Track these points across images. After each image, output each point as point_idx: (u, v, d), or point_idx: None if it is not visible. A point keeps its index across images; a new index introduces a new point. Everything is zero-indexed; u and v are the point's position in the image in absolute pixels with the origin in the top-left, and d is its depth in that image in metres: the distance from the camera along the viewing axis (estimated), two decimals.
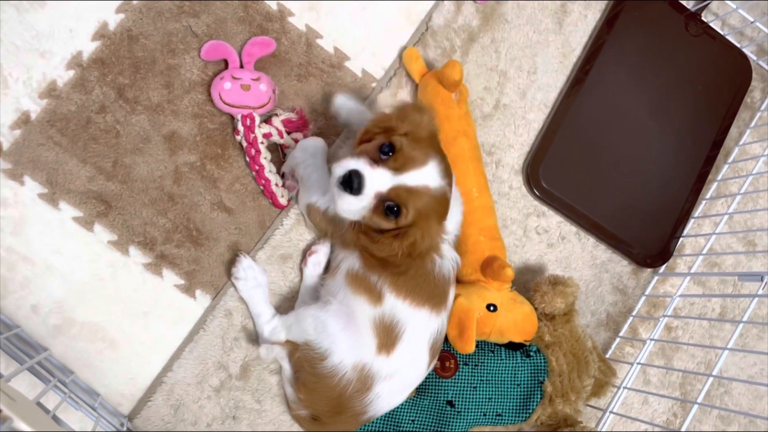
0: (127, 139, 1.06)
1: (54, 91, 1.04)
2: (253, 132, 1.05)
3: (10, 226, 1.01)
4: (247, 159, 1.07)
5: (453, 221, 0.99)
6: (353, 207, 0.86)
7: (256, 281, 1.05)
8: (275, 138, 1.07)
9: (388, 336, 0.95)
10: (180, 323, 1.06)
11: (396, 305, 0.95)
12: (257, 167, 1.06)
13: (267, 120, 1.08)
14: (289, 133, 1.09)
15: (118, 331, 1.03)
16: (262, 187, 1.08)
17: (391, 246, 0.88)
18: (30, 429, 0.63)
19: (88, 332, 1.02)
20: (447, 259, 0.98)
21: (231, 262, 1.07)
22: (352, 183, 0.84)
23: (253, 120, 1.05)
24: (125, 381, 1.03)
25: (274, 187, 1.07)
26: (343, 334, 0.96)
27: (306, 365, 0.98)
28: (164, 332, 1.05)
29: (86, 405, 0.92)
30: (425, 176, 0.86)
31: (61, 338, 1.01)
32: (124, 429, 0.97)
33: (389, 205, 0.85)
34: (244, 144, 1.06)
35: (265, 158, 1.06)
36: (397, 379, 0.98)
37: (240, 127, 1.05)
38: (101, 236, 1.04)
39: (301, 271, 1.09)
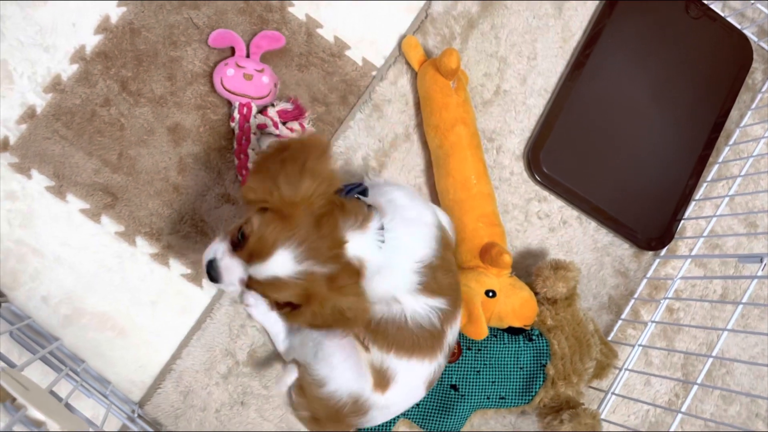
0: (131, 131, 1.07)
1: (59, 85, 1.05)
2: (248, 121, 1.06)
3: (19, 219, 1.03)
4: (235, 146, 1.08)
5: (401, 278, 0.88)
6: (228, 291, 0.83)
7: (266, 306, 1.01)
8: (270, 129, 1.08)
9: (381, 378, 0.91)
10: (187, 312, 1.08)
11: (381, 356, 0.90)
12: (242, 156, 1.07)
13: (262, 111, 1.09)
14: (284, 123, 1.10)
15: (127, 320, 1.05)
16: (240, 177, 1.09)
17: (303, 318, 0.81)
18: (44, 417, 0.65)
19: (98, 322, 1.04)
20: (418, 308, 0.89)
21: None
22: (210, 274, 0.80)
23: (250, 109, 1.06)
24: (135, 369, 1.05)
25: None
26: (343, 366, 0.91)
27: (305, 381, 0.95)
28: (172, 321, 1.07)
29: (98, 393, 0.94)
30: (271, 269, 0.76)
31: (71, 328, 1.03)
32: (135, 416, 0.99)
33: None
34: (237, 131, 1.07)
35: (252, 149, 1.07)
36: (393, 408, 0.96)
37: (236, 115, 1.07)
38: (108, 227, 1.05)
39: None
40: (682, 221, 1.27)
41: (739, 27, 1.33)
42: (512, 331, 1.11)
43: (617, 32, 1.27)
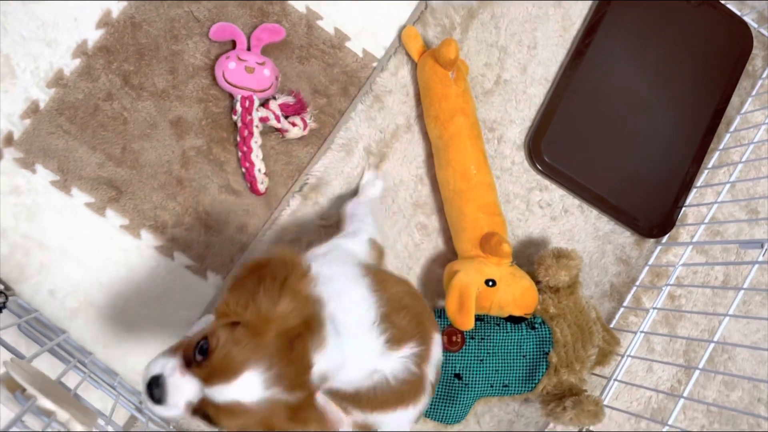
0: (134, 125, 1.08)
1: (61, 80, 1.06)
2: (250, 114, 1.07)
3: (25, 213, 1.04)
4: (238, 139, 1.09)
5: (369, 353, 0.81)
6: (162, 413, 0.70)
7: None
8: (272, 122, 1.09)
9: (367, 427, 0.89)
10: (193, 303, 1.08)
11: (365, 415, 0.86)
12: (245, 148, 1.08)
13: (264, 104, 1.10)
14: (286, 117, 1.11)
15: (133, 312, 1.06)
16: (244, 170, 1.09)
17: None
18: (54, 406, 0.66)
19: (105, 314, 1.05)
20: (394, 365, 0.84)
21: (240, 244, 1.10)
22: (152, 392, 0.68)
23: (252, 102, 1.07)
24: (142, 360, 1.06)
25: (256, 173, 1.09)
26: None
27: None
28: (178, 312, 1.08)
29: (106, 384, 0.96)
30: (236, 392, 0.66)
31: (78, 321, 1.04)
32: (143, 406, 1.00)
33: (204, 414, 0.69)
34: (239, 124, 1.08)
35: (255, 142, 1.08)
36: None
37: (238, 108, 1.07)
38: (113, 221, 1.06)
39: None
40: (684, 208, 1.27)
41: (739, 14, 1.33)
42: (514, 319, 1.12)
43: (617, 20, 1.27)
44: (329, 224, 1.14)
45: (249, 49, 1.10)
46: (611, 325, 1.23)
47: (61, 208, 1.05)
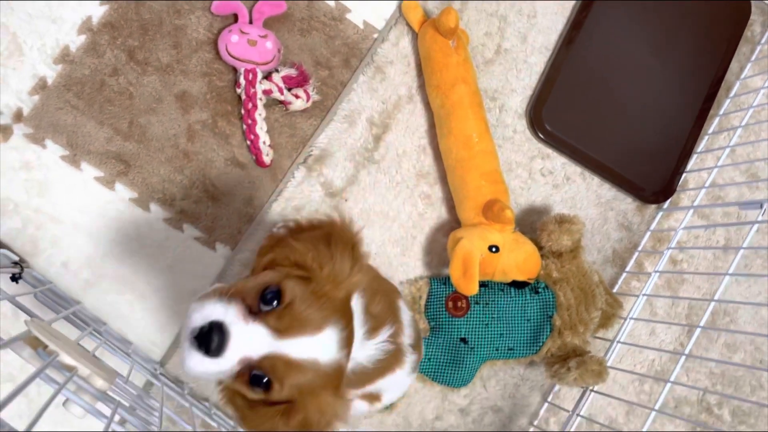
0: (140, 99, 1.10)
1: (67, 56, 1.08)
2: (253, 87, 1.08)
3: (36, 188, 1.06)
4: (243, 112, 1.10)
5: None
6: (207, 370, 0.62)
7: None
8: (275, 94, 1.11)
9: (370, 396, 0.91)
10: (202, 274, 1.11)
11: (357, 391, 0.87)
12: (250, 121, 1.09)
13: (267, 77, 1.11)
14: (289, 89, 1.12)
15: (145, 283, 1.09)
16: (249, 142, 1.11)
17: (273, 422, 0.66)
18: (75, 362, 0.68)
19: (117, 286, 1.08)
20: (370, 352, 0.81)
21: (247, 216, 1.12)
22: (209, 342, 0.60)
23: (255, 75, 1.08)
24: (155, 330, 1.09)
25: (261, 144, 1.10)
26: None
27: None
28: (188, 283, 1.10)
29: (121, 351, 0.98)
30: (316, 347, 0.63)
31: (92, 291, 1.07)
32: (158, 373, 1.03)
33: (257, 375, 0.63)
34: (243, 97, 1.09)
35: (260, 115, 1.10)
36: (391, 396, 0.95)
37: (242, 81, 1.09)
38: (123, 194, 1.08)
39: None
40: (684, 174, 1.29)
41: None
42: (518, 284, 1.14)
43: None
44: (333, 193, 1.16)
45: (251, 22, 1.12)
46: (614, 290, 1.25)
47: (72, 182, 1.07)
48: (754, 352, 1.33)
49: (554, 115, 1.24)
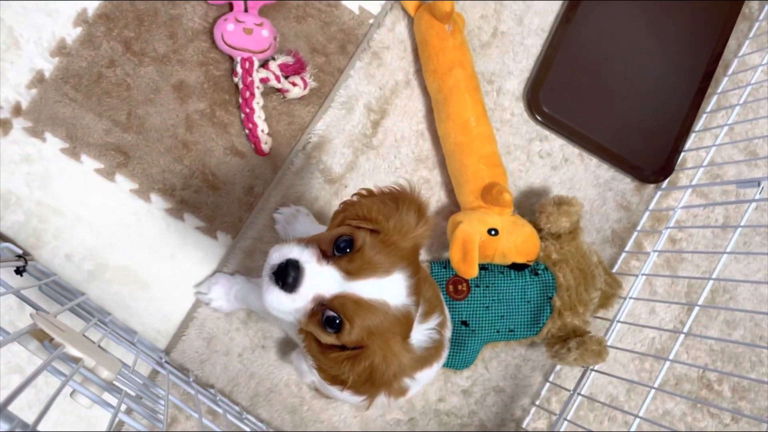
0: (138, 91, 1.10)
1: (64, 49, 1.08)
2: (250, 75, 1.08)
3: (38, 181, 1.06)
4: (240, 100, 1.11)
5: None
6: (283, 306, 0.68)
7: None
8: (273, 82, 1.11)
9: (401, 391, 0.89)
10: (204, 263, 1.12)
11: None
12: (248, 110, 1.10)
13: (264, 65, 1.11)
14: (286, 77, 1.12)
15: (148, 273, 1.10)
16: (247, 131, 1.12)
17: (341, 366, 0.70)
18: (80, 354, 0.69)
19: (121, 276, 1.09)
20: (421, 337, 0.84)
21: (247, 204, 1.12)
22: (286, 276, 0.66)
23: (252, 63, 1.09)
24: (159, 319, 1.10)
25: (259, 133, 1.11)
26: None
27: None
28: (191, 271, 1.11)
29: (126, 341, 0.99)
30: (385, 289, 0.67)
31: (96, 283, 1.08)
32: (163, 361, 1.04)
33: (329, 315, 0.67)
34: (240, 86, 1.10)
35: (257, 103, 1.10)
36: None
37: (238, 69, 1.09)
38: (123, 185, 1.09)
39: None
40: (683, 153, 1.29)
41: None
42: (517, 267, 1.15)
43: None
44: (333, 180, 1.16)
45: (246, 10, 1.11)
46: (613, 270, 1.26)
47: (72, 174, 1.08)
48: (754, 329, 1.34)
49: (551, 97, 1.24)
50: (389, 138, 1.19)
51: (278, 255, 0.68)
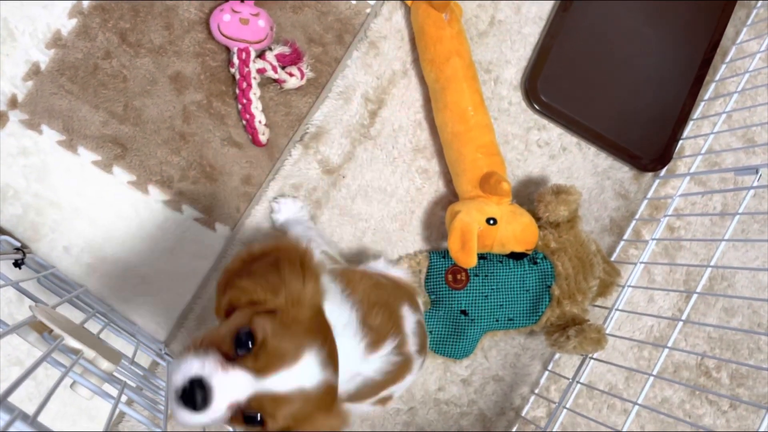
0: (134, 82, 1.09)
1: (59, 41, 1.07)
2: (247, 66, 1.08)
3: (35, 173, 1.06)
4: (237, 91, 1.10)
5: (355, 359, 0.81)
6: (201, 422, 0.63)
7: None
8: (269, 73, 1.10)
9: (380, 401, 0.96)
10: (203, 255, 1.12)
11: (368, 402, 0.93)
12: (245, 101, 1.09)
13: (261, 55, 1.11)
14: (283, 67, 1.12)
15: (147, 266, 1.10)
16: (245, 122, 1.11)
17: None
18: (80, 345, 0.69)
19: (120, 269, 1.09)
20: (376, 365, 0.84)
21: (245, 195, 1.12)
22: (194, 398, 0.61)
23: (248, 54, 1.08)
24: (159, 311, 1.10)
25: (257, 124, 1.10)
26: None
27: None
28: (190, 263, 1.11)
29: (126, 333, 1.00)
30: (297, 376, 0.64)
31: (95, 275, 1.08)
32: (163, 353, 1.04)
33: (250, 415, 0.64)
34: (237, 76, 1.09)
35: (254, 94, 1.09)
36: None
37: (235, 60, 1.08)
38: (121, 177, 1.09)
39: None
40: (681, 141, 1.29)
41: None
42: (516, 256, 1.15)
43: None
44: (331, 171, 1.16)
45: (242, 0, 1.11)
46: (612, 259, 1.26)
47: (69, 167, 1.07)
48: (752, 316, 1.35)
49: (549, 86, 1.24)
50: (387, 128, 1.19)
51: (180, 376, 0.62)
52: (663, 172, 1.29)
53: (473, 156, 1.12)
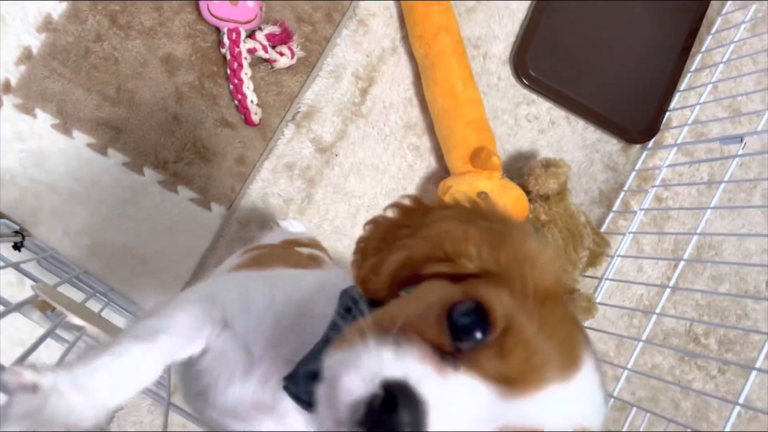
0: (126, 65, 1.10)
1: (50, 24, 1.08)
2: (237, 46, 1.09)
3: (31, 158, 1.07)
4: (228, 72, 1.11)
5: None
6: None
7: None
8: (260, 53, 1.11)
9: None
10: (200, 235, 1.13)
11: None
12: (236, 81, 1.10)
13: (251, 35, 1.12)
14: (273, 47, 1.13)
15: (145, 247, 1.11)
16: (237, 102, 1.12)
17: None
18: (82, 322, 0.71)
19: (119, 250, 1.10)
20: None
21: (240, 175, 1.14)
22: (395, 424, 0.32)
23: (239, 34, 1.09)
24: (158, 291, 1.12)
25: (249, 104, 1.12)
26: None
27: None
28: (187, 243, 1.13)
29: (126, 312, 1.02)
30: (579, 401, 0.36)
31: (94, 257, 1.09)
32: None
33: None
34: (228, 57, 1.10)
35: (246, 74, 1.10)
36: None
37: (225, 41, 1.09)
38: (116, 159, 1.10)
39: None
40: (668, 113, 1.31)
41: None
42: None
43: None
44: (324, 149, 1.18)
45: None
46: (601, 230, 1.29)
47: (65, 150, 1.08)
48: (739, 283, 1.38)
49: (538, 61, 1.25)
50: (378, 105, 1.20)
51: (358, 377, 0.34)
52: (651, 143, 1.31)
53: (464, 132, 1.13)
